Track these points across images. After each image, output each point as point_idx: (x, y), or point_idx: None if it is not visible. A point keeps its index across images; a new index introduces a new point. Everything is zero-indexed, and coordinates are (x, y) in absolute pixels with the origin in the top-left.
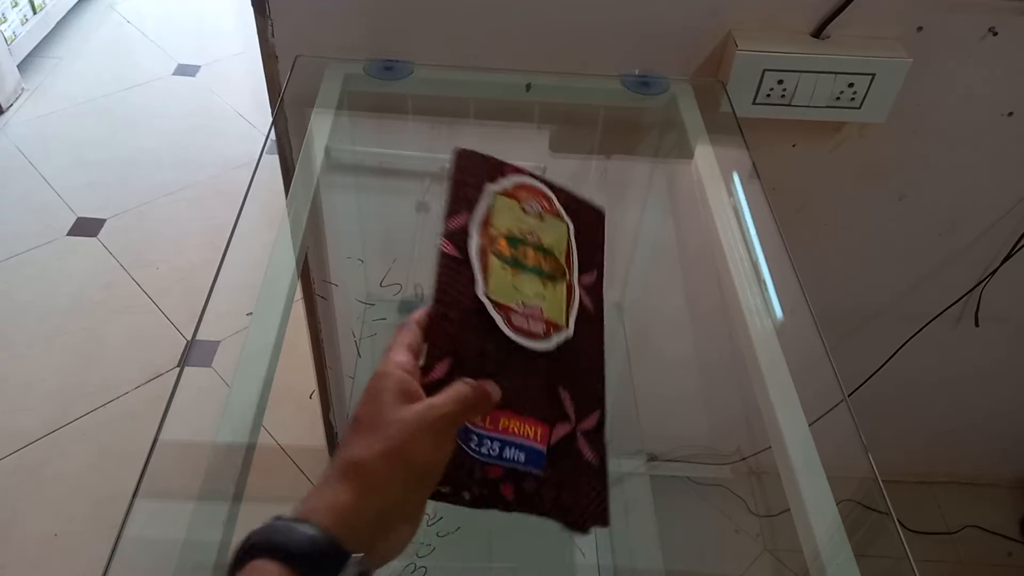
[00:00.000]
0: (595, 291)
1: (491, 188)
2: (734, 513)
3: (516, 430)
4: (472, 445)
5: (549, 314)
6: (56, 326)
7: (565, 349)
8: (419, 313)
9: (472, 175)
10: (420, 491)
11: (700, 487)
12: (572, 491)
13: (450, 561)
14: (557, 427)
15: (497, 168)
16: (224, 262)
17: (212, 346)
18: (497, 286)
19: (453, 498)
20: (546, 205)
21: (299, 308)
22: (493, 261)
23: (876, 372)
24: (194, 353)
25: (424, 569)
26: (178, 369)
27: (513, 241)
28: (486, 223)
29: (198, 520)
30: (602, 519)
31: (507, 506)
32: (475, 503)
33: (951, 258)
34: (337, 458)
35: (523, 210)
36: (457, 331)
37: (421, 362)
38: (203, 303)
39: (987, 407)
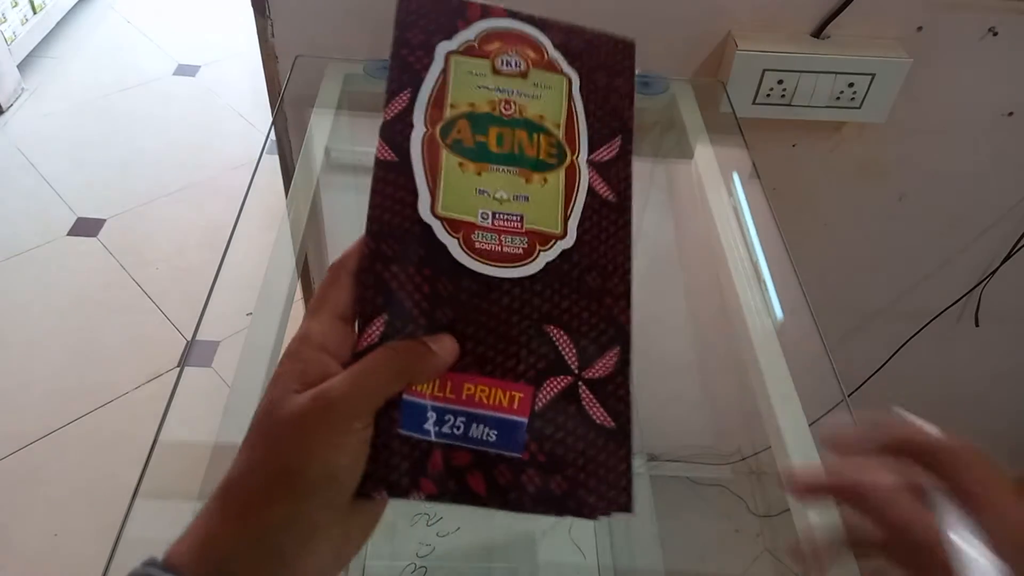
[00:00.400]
0: (616, 169)
1: (444, 47)
2: (734, 513)
3: (485, 398)
4: (427, 425)
5: (534, 221)
6: (56, 326)
7: (559, 268)
8: (347, 251)
9: (420, 31)
10: (323, 504)
11: (700, 487)
12: (573, 470)
13: (450, 561)
14: (548, 383)
15: (457, 13)
16: (224, 262)
17: (212, 346)
18: (452, 195)
19: (403, 496)
20: (532, 55)
21: (299, 308)
22: (446, 158)
23: (876, 372)
24: (194, 353)
25: (424, 569)
26: (178, 369)
27: (478, 121)
28: (437, 101)
29: None
30: (622, 502)
31: (481, 502)
32: (439, 498)
33: (951, 258)
34: (228, 474)
35: (495, 69)
36: (394, 272)
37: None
38: (203, 303)
39: (987, 407)
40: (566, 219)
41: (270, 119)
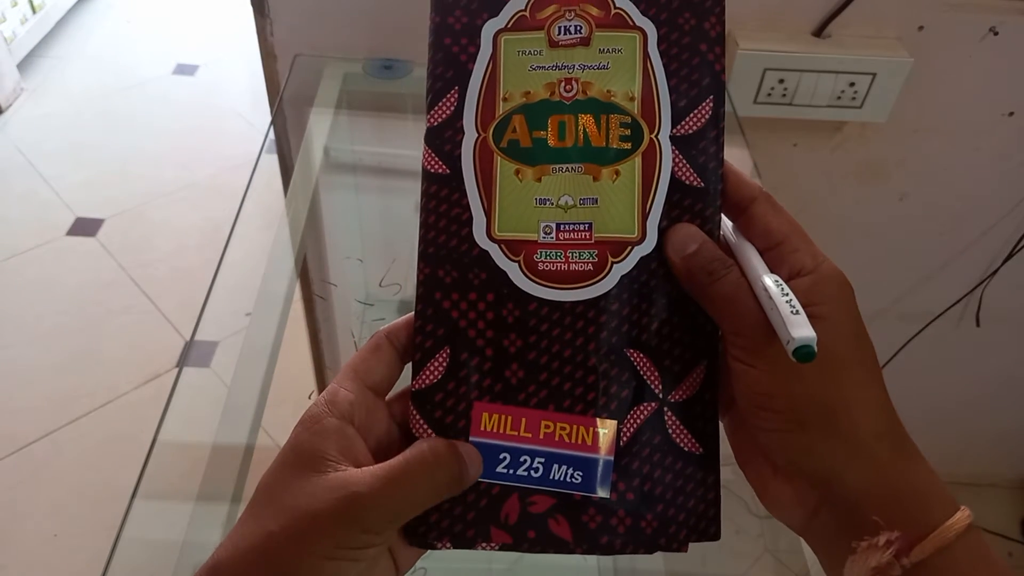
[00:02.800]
0: (705, 143)
1: (492, 27)
2: (734, 513)
3: (566, 436)
4: (500, 468)
5: (605, 227)
6: (55, 326)
7: (636, 279)
8: (396, 323)
9: (463, 10)
10: None
11: None
12: (663, 506)
13: (449, 562)
14: (632, 413)
15: None
16: (223, 262)
17: (211, 346)
18: (509, 211)
19: (470, 547)
20: (594, 13)
21: (298, 308)
22: (501, 166)
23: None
24: (193, 353)
25: (424, 570)
26: (177, 370)
27: (535, 112)
28: (488, 97)
29: (197, 520)
30: (711, 530)
31: (566, 549)
32: (514, 548)
33: (952, 258)
34: (222, 544)
35: (551, 41)
36: (454, 300)
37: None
38: (202, 303)
39: (988, 407)
40: (644, 217)
41: (269, 118)
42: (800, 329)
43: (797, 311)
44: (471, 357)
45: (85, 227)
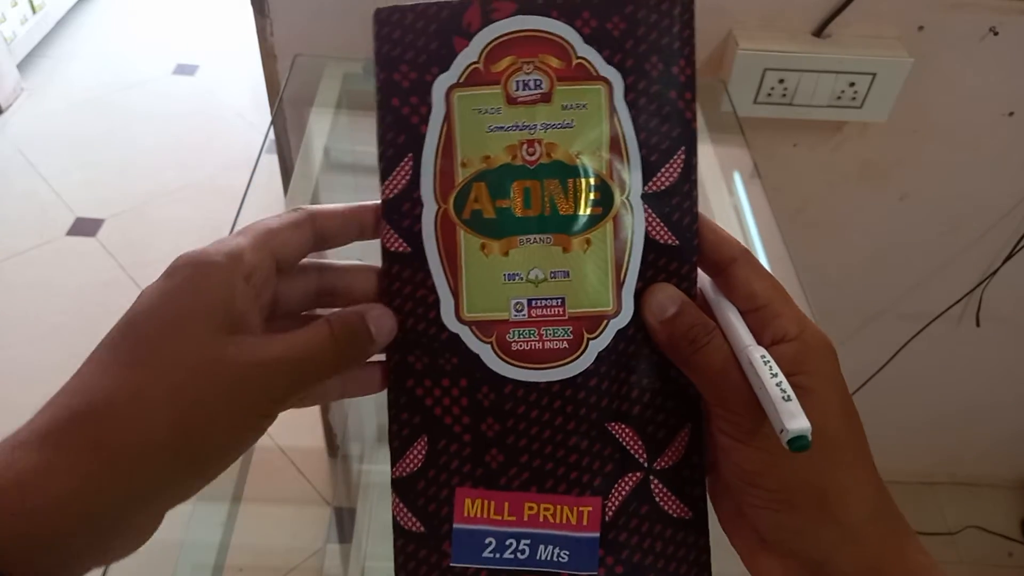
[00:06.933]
0: (678, 198)
1: (444, 82)
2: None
3: (550, 516)
4: (486, 552)
5: (579, 302)
6: (55, 326)
7: (614, 352)
8: (330, 208)
9: (410, 65)
10: (190, 482)
11: None
12: (652, 572)
13: None
14: (617, 486)
15: (452, 25)
16: None
17: None
18: (477, 290)
19: None
20: (555, 64)
21: None
22: (465, 241)
23: (876, 373)
24: None
25: None
26: None
27: (497, 179)
28: (445, 163)
29: (198, 520)
30: None
31: None
32: None
33: (952, 258)
34: (62, 393)
35: (509, 98)
36: (427, 387)
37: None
38: None
39: (988, 407)
40: (619, 287)
41: (269, 118)
42: (795, 420)
43: (789, 397)
44: (449, 444)
45: (85, 227)
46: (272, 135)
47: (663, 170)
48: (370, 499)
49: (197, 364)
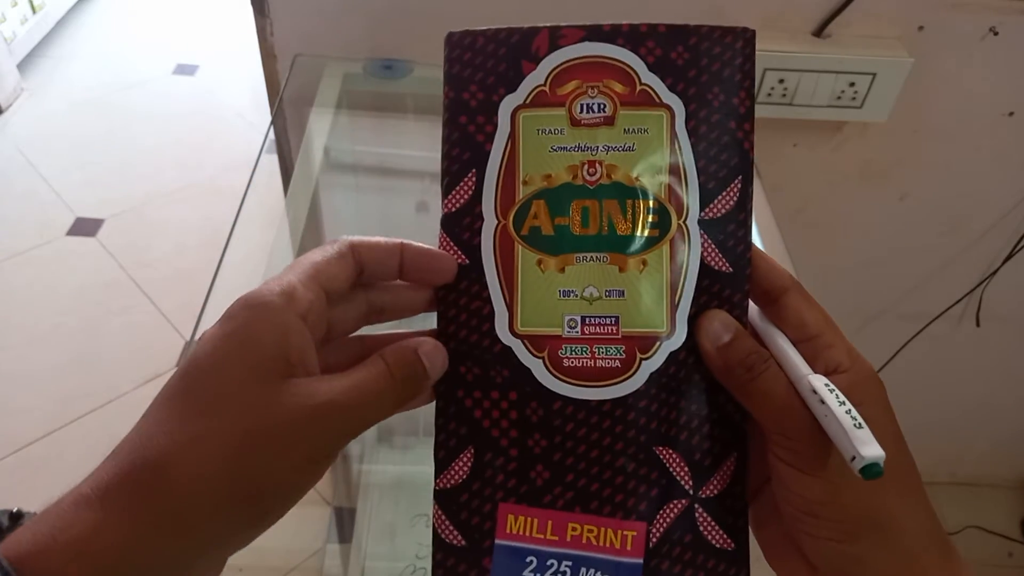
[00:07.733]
0: (733, 226)
1: (510, 103)
2: None
3: (594, 539)
4: (526, 571)
5: (633, 322)
6: (55, 326)
7: (665, 374)
8: (371, 240)
9: (479, 85)
10: (250, 531)
11: None
12: None
13: None
14: (662, 513)
15: (521, 49)
16: (223, 262)
17: None
18: (532, 305)
19: None
20: (619, 89)
21: None
22: (522, 256)
23: (877, 373)
24: None
25: (424, 570)
26: (177, 369)
27: (557, 197)
28: (507, 180)
29: None
30: None
31: None
32: None
33: (952, 258)
34: (124, 446)
35: (573, 120)
36: (476, 398)
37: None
38: (202, 304)
39: (988, 407)
40: (673, 309)
41: (269, 118)
42: (868, 448)
43: (860, 424)
44: (495, 457)
45: (85, 227)
46: (272, 135)
47: (720, 198)
48: (370, 499)
49: (254, 414)
